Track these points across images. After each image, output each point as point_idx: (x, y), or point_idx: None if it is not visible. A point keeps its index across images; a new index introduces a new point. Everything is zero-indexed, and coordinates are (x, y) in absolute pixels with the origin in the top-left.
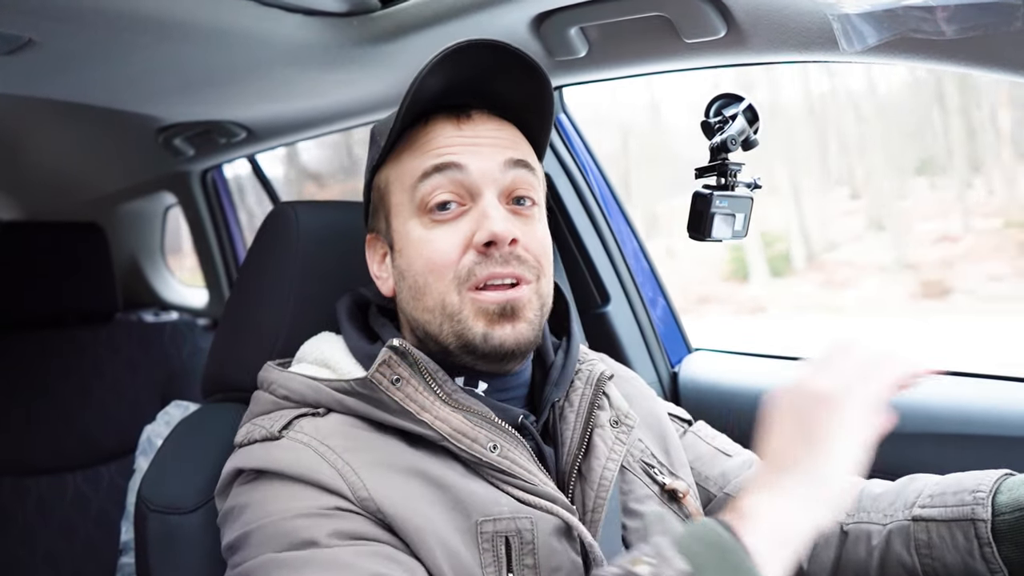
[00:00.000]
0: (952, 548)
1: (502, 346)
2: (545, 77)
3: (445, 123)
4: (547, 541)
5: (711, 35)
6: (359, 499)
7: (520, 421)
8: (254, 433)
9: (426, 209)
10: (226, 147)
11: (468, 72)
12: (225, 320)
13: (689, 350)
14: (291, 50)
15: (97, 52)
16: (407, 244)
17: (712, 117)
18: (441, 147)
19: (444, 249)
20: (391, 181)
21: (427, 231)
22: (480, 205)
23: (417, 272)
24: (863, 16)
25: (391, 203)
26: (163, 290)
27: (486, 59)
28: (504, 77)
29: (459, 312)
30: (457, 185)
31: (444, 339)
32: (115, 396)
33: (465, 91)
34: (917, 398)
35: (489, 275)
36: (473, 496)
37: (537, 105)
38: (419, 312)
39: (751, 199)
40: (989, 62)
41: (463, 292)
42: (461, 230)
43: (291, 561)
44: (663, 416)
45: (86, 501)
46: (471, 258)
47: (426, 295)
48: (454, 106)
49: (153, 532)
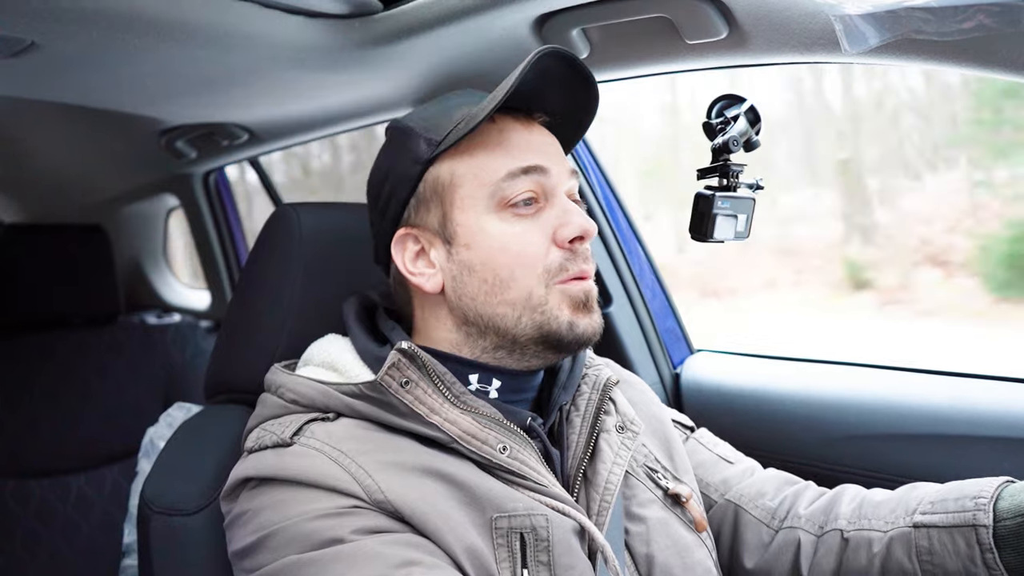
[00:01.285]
0: (953, 554)
1: (583, 334)
2: (597, 93)
3: (515, 124)
4: (562, 539)
5: (713, 36)
6: (375, 501)
7: (528, 423)
8: (265, 439)
9: (507, 205)
10: (228, 149)
11: (530, 76)
12: (227, 322)
13: (691, 351)
14: (293, 52)
15: (99, 55)
16: (483, 238)
17: (714, 118)
18: (522, 148)
19: (534, 242)
20: (459, 174)
21: (509, 226)
22: (558, 204)
23: (499, 265)
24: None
25: (457, 196)
26: (165, 292)
27: (553, 66)
28: (560, 87)
29: (544, 304)
30: (539, 186)
31: (519, 331)
32: (117, 398)
33: (526, 96)
34: (920, 399)
35: (579, 271)
36: (489, 492)
37: (581, 118)
38: (492, 306)
39: (753, 200)
40: (992, 63)
41: (551, 285)
42: (542, 225)
43: (317, 559)
44: (667, 421)
45: (88, 503)
46: (560, 254)
47: (510, 288)
48: (516, 109)
49: (156, 534)
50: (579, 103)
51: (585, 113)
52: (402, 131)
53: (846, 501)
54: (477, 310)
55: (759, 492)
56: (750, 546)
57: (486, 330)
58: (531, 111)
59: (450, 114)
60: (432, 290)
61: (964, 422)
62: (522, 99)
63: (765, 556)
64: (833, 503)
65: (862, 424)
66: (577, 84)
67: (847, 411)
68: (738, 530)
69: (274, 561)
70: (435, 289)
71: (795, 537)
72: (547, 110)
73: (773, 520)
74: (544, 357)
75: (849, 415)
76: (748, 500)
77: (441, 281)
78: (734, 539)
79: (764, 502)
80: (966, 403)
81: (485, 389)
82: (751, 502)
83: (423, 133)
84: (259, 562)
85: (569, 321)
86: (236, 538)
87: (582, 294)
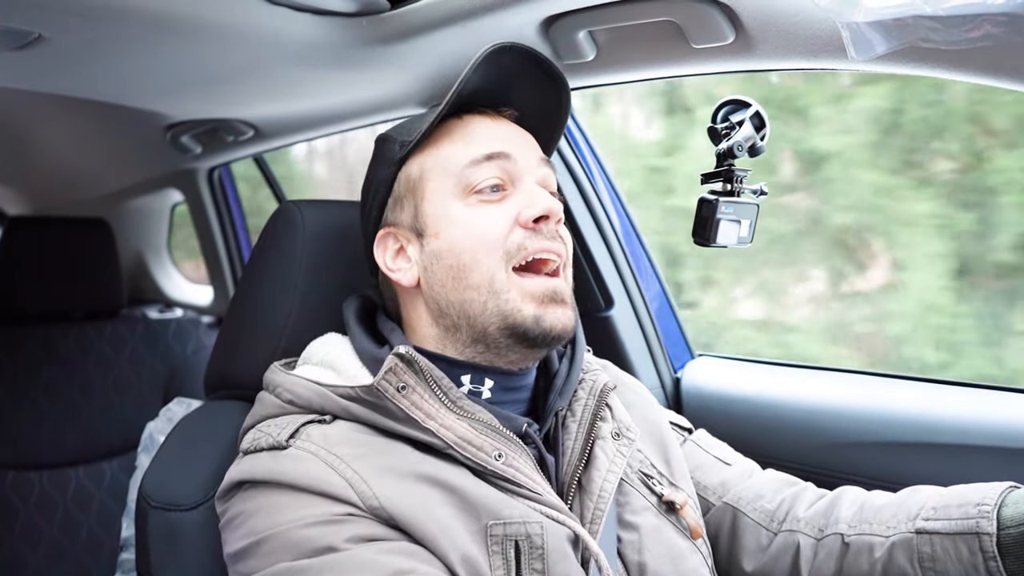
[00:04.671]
0: (956, 561)
1: (552, 329)
2: (567, 90)
3: (482, 118)
4: (556, 547)
5: (719, 41)
6: (370, 508)
7: (524, 429)
8: (260, 441)
9: (472, 191)
10: (233, 145)
11: (496, 74)
12: (229, 318)
13: (692, 355)
14: (299, 49)
15: (106, 49)
16: (448, 225)
17: (719, 123)
18: (486, 138)
19: (495, 223)
20: (427, 168)
21: (473, 210)
22: (525, 188)
23: (463, 250)
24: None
25: (426, 189)
26: (168, 287)
27: (516, 64)
28: (526, 84)
29: (506, 292)
30: (504, 172)
31: (486, 319)
32: (118, 392)
33: (492, 93)
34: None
35: (540, 248)
36: (484, 499)
37: (552, 115)
38: (459, 292)
39: (757, 205)
40: (998, 73)
41: (510, 273)
42: (507, 209)
43: (309, 568)
44: (664, 424)
45: (88, 496)
46: (520, 234)
47: (472, 272)
48: (483, 106)
49: (154, 528)
50: (549, 101)
51: (556, 112)
52: (382, 139)
53: (847, 504)
54: (447, 297)
55: (757, 494)
56: (749, 549)
57: (459, 321)
58: (498, 107)
59: (424, 118)
60: (409, 284)
61: (964, 432)
62: (487, 96)
63: (764, 559)
64: (833, 506)
65: (862, 431)
66: (544, 82)
67: (848, 418)
68: (736, 533)
69: (266, 567)
70: (411, 283)
71: (794, 540)
72: (516, 107)
73: (772, 523)
74: (521, 352)
75: (850, 422)
76: (746, 503)
77: (416, 274)
78: (732, 542)
79: (762, 504)
80: (966, 413)
81: (478, 390)
82: (749, 505)
83: (397, 137)
84: (252, 567)
85: (535, 315)
86: (230, 541)
87: (541, 290)
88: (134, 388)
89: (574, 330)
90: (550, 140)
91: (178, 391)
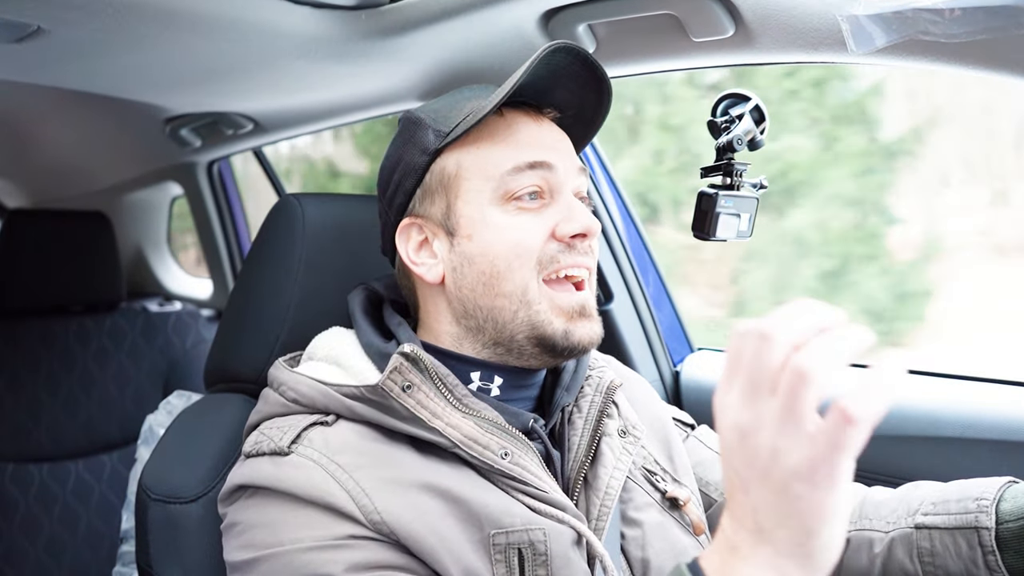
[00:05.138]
0: (955, 556)
1: (580, 342)
2: (610, 91)
3: (524, 118)
4: (560, 552)
5: (719, 34)
6: (372, 522)
7: (530, 425)
8: (263, 445)
9: (511, 198)
10: (232, 139)
11: (544, 71)
12: (229, 311)
13: (692, 349)
14: (299, 43)
15: (105, 41)
16: (483, 229)
17: (719, 116)
18: (530, 143)
19: (532, 232)
20: (465, 167)
21: (512, 217)
22: (563, 200)
23: (497, 255)
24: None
25: (461, 188)
26: (168, 280)
27: (565, 63)
28: (571, 85)
29: (537, 303)
30: (544, 181)
31: (515, 328)
32: (118, 385)
33: (536, 91)
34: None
35: (573, 263)
36: (486, 508)
37: (592, 116)
38: (489, 298)
39: (757, 199)
40: (998, 65)
41: (541, 284)
42: (545, 220)
43: None
44: (667, 421)
45: (87, 489)
46: (555, 246)
47: (505, 280)
48: (525, 103)
49: (154, 521)
50: (590, 100)
51: (597, 111)
52: (413, 122)
53: None
54: (476, 302)
55: None
56: None
57: (484, 324)
58: (541, 106)
59: (460, 106)
60: (433, 281)
61: (965, 425)
62: (532, 94)
63: None
64: None
65: None
66: (589, 81)
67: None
68: None
69: None
70: (436, 280)
71: None
72: (557, 106)
73: None
74: (542, 360)
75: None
76: None
77: (442, 272)
78: None
79: None
80: (967, 406)
81: (487, 387)
82: None
83: (432, 124)
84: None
85: (564, 329)
86: (230, 548)
87: (574, 304)
88: (134, 381)
89: (600, 341)
90: (583, 139)
91: (178, 384)
